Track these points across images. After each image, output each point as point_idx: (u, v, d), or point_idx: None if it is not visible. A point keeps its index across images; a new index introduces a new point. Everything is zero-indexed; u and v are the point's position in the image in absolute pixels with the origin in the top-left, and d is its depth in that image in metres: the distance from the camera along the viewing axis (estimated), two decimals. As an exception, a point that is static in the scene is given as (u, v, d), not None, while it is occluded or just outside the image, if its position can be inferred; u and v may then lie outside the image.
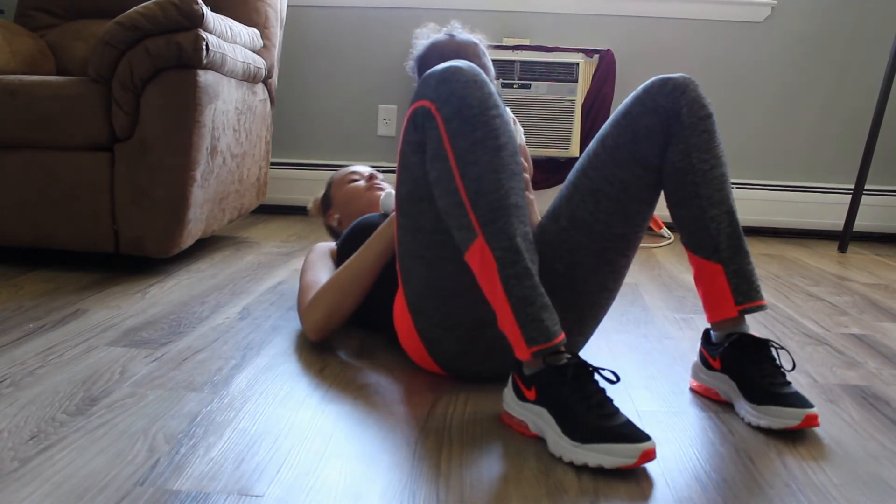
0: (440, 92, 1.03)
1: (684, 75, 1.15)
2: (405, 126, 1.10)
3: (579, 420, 0.96)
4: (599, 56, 2.88)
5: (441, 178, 1.03)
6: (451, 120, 1.01)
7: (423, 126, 1.05)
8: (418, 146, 1.07)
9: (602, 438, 0.93)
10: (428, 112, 1.03)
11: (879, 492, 0.93)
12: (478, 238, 1.01)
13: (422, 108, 1.05)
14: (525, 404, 1.04)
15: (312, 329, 1.37)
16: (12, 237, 1.93)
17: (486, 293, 1.04)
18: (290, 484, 0.89)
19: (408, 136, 1.09)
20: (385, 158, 3.10)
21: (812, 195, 3.02)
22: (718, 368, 1.16)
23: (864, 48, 2.94)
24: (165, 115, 1.83)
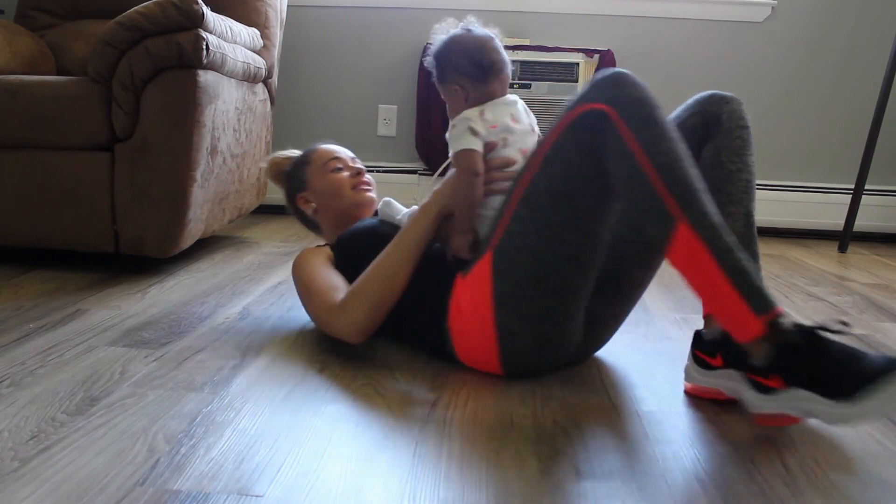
0: (615, 95, 1.06)
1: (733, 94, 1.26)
2: (566, 126, 1.11)
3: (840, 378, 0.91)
4: (599, 56, 2.88)
5: (631, 175, 1.04)
6: (631, 119, 1.04)
7: (596, 127, 1.07)
8: (587, 145, 1.09)
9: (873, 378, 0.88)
10: (604, 114, 1.06)
11: (879, 492, 0.93)
12: (680, 224, 1.01)
13: (595, 111, 1.07)
14: (773, 396, 1.00)
15: (355, 330, 1.29)
16: (12, 237, 1.93)
17: (695, 279, 1.02)
18: (290, 484, 0.89)
19: (574, 135, 1.10)
20: (385, 158, 3.10)
21: (812, 195, 3.01)
22: (720, 365, 1.12)
23: (864, 48, 2.94)
24: (165, 115, 1.83)
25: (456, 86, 1.32)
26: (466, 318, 1.23)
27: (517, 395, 1.20)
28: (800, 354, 0.96)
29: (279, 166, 1.68)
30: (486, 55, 1.30)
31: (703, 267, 1.00)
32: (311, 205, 1.58)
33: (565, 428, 1.08)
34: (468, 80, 1.31)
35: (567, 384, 1.26)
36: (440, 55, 1.34)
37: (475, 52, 1.30)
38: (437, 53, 1.35)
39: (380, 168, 3.07)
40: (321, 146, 1.62)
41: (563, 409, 1.15)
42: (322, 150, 1.61)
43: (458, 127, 1.28)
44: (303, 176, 1.59)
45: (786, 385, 0.98)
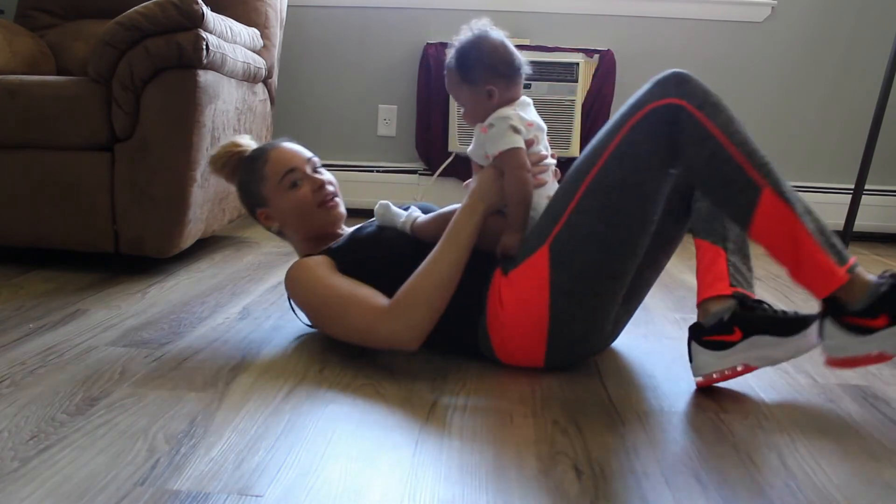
0: (684, 90, 1.16)
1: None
2: (636, 122, 1.19)
3: None
4: (599, 56, 2.88)
5: (714, 155, 1.14)
6: (704, 107, 1.15)
7: (672, 119, 1.16)
8: (662, 137, 1.17)
9: None
10: (678, 107, 1.16)
11: (879, 492, 0.93)
12: (764, 190, 1.12)
13: (669, 105, 1.16)
14: (874, 336, 1.08)
15: (416, 335, 1.25)
16: (12, 237, 1.93)
17: (780, 240, 1.12)
18: (290, 484, 0.89)
19: (647, 129, 1.18)
20: (385, 158, 3.10)
21: (812, 195, 3.01)
22: (740, 339, 1.20)
23: (864, 48, 2.94)
24: (165, 115, 1.83)
25: (490, 86, 1.31)
26: (512, 312, 1.26)
27: (517, 395, 1.20)
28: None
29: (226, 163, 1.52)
30: (515, 56, 1.33)
31: (788, 228, 1.11)
32: (274, 223, 1.48)
33: (565, 428, 1.08)
34: (502, 80, 1.31)
35: (567, 384, 1.26)
36: (472, 57, 1.31)
37: (506, 53, 1.32)
38: (468, 55, 1.32)
39: (380, 168, 3.07)
40: (272, 151, 1.46)
41: (563, 409, 1.15)
42: (274, 159, 1.44)
43: (499, 126, 1.29)
44: (259, 191, 1.46)
45: (891, 323, 1.07)
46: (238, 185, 1.52)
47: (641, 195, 1.21)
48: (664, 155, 1.18)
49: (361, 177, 3.06)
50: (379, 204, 1.43)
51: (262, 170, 1.45)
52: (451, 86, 1.36)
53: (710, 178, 1.16)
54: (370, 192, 3.04)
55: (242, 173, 1.50)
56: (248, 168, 1.48)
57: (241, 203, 1.54)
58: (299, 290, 1.36)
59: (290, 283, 1.38)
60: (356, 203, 3.05)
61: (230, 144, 1.52)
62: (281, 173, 1.43)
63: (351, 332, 1.30)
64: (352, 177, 3.05)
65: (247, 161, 1.49)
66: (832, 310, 1.13)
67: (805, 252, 1.11)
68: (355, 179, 3.06)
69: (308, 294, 1.35)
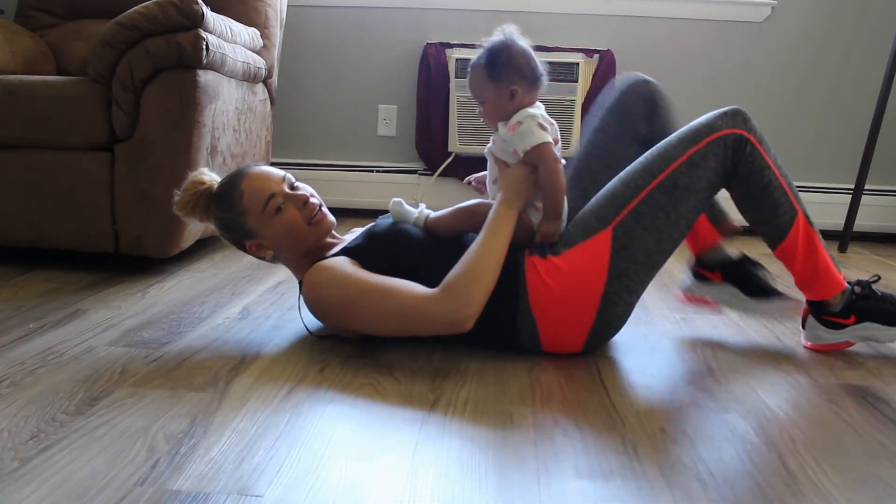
0: (749, 126, 1.41)
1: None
2: (710, 141, 1.38)
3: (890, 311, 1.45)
4: (599, 56, 2.88)
5: (770, 183, 1.41)
6: (762, 143, 1.41)
7: (738, 147, 1.39)
8: (729, 162, 1.39)
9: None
10: (746, 139, 1.40)
11: (879, 492, 0.93)
12: (799, 213, 1.42)
13: (739, 135, 1.40)
14: (844, 330, 1.46)
15: (472, 313, 1.28)
16: (12, 237, 1.93)
17: (805, 255, 1.43)
18: (290, 484, 0.89)
19: (718, 149, 1.39)
20: (385, 158, 3.10)
21: (812, 195, 3.01)
22: (720, 280, 1.59)
23: (864, 48, 2.94)
24: (165, 115, 1.83)
25: (514, 87, 1.38)
26: (564, 289, 1.35)
27: (517, 395, 1.20)
28: (873, 298, 1.46)
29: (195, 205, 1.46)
30: (539, 64, 1.42)
31: (813, 245, 1.43)
32: (267, 252, 1.46)
33: (565, 428, 1.08)
34: (525, 83, 1.39)
35: (567, 384, 1.26)
36: (502, 57, 1.39)
37: (532, 58, 1.41)
38: (499, 55, 1.39)
39: (380, 168, 3.07)
40: (244, 181, 1.41)
41: (563, 409, 1.15)
42: (250, 189, 1.40)
43: (527, 123, 1.37)
44: (243, 225, 1.42)
45: (858, 320, 1.45)
46: (217, 224, 1.45)
47: (697, 202, 1.39)
48: (724, 174, 1.40)
49: (361, 177, 3.06)
50: (393, 201, 1.47)
51: (239, 203, 1.41)
52: (477, 83, 1.42)
53: (762, 200, 1.42)
54: (370, 192, 3.04)
55: (218, 210, 1.43)
56: (223, 204, 1.42)
57: (225, 239, 1.48)
58: (326, 291, 1.33)
59: (314, 288, 1.35)
60: (356, 203, 3.05)
61: (192, 184, 1.45)
62: (262, 202, 1.40)
63: (396, 320, 1.30)
64: (352, 177, 3.05)
65: (218, 197, 1.43)
66: (815, 310, 1.49)
67: (822, 264, 1.43)
68: (355, 179, 3.06)
69: (340, 292, 1.32)
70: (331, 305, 1.34)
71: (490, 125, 1.45)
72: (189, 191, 1.45)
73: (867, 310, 1.45)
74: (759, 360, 1.43)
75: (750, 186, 1.41)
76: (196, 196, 1.45)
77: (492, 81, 1.39)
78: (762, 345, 1.53)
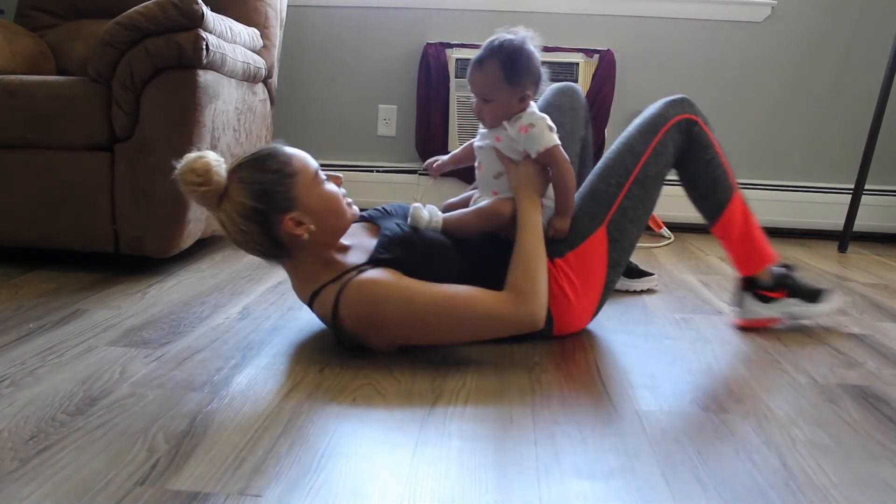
0: (695, 110, 1.56)
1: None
2: (666, 132, 1.53)
3: (812, 291, 1.62)
4: (599, 56, 2.88)
5: (713, 160, 1.56)
6: (707, 124, 1.57)
7: (689, 130, 1.54)
8: (681, 142, 1.54)
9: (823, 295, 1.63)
10: (693, 121, 1.55)
11: (879, 492, 0.93)
12: (735, 192, 1.58)
13: (687, 119, 1.54)
14: (774, 304, 1.61)
15: (545, 313, 1.33)
16: (12, 237, 1.93)
17: (740, 231, 1.58)
18: (290, 484, 0.89)
19: (674, 135, 1.53)
20: (385, 158, 3.10)
21: (812, 195, 3.01)
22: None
23: (864, 48, 2.93)
24: (165, 115, 1.83)
25: (528, 91, 1.43)
26: (580, 287, 1.47)
27: (517, 395, 1.20)
28: (795, 276, 1.62)
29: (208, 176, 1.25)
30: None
31: (748, 221, 1.58)
32: (306, 227, 1.30)
33: (565, 428, 1.08)
34: (534, 88, 1.44)
35: (567, 384, 1.26)
36: (523, 61, 1.41)
37: (540, 64, 1.45)
38: (520, 58, 1.40)
39: (380, 168, 3.07)
40: (287, 149, 1.33)
41: (563, 409, 1.16)
42: (297, 155, 1.33)
43: (539, 126, 1.41)
44: (289, 191, 1.28)
45: (788, 296, 1.61)
46: (250, 192, 1.27)
47: (661, 184, 1.54)
48: (679, 155, 1.55)
49: (361, 177, 3.06)
50: (415, 207, 1.44)
51: (289, 164, 1.29)
52: (490, 82, 1.41)
53: (705, 176, 1.57)
54: (370, 192, 3.04)
55: (261, 172, 1.27)
56: (270, 164, 1.28)
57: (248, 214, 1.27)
58: (387, 308, 1.27)
59: (371, 305, 1.26)
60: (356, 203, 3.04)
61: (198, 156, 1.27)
62: (314, 168, 1.33)
63: (471, 329, 1.30)
64: (352, 177, 3.05)
65: (264, 157, 1.29)
66: (748, 285, 1.62)
67: (757, 238, 1.59)
68: (355, 179, 3.05)
69: (406, 308, 1.27)
70: (392, 322, 1.28)
71: (491, 124, 1.45)
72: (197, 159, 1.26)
73: (795, 287, 1.61)
74: (760, 360, 1.43)
75: (696, 163, 1.56)
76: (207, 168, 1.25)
77: (508, 84, 1.40)
78: (762, 345, 1.53)
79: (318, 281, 1.35)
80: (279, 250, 1.33)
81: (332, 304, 1.30)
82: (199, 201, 1.28)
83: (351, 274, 1.31)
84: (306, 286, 1.37)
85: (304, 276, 1.38)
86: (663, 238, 2.86)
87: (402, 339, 1.33)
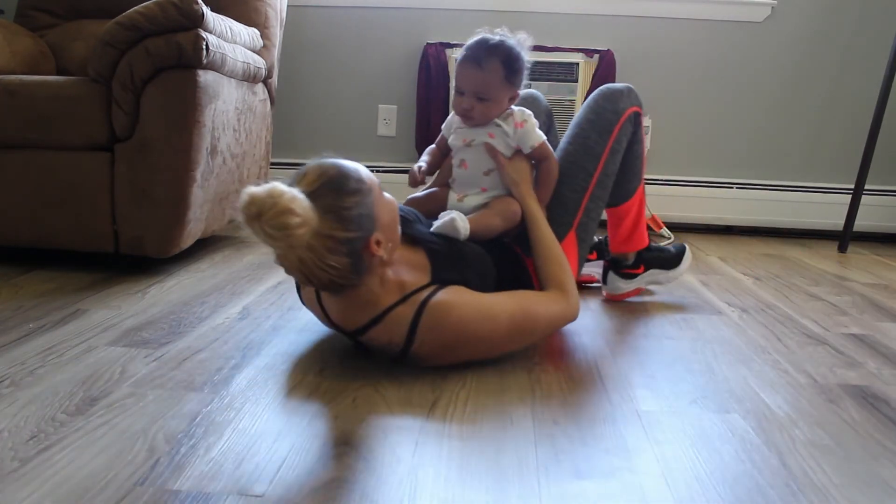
0: (639, 99, 1.62)
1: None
2: (620, 128, 1.58)
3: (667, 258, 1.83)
4: (599, 56, 2.88)
5: (640, 154, 1.66)
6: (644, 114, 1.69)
7: (636, 121, 1.61)
8: (631, 135, 1.60)
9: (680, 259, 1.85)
10: (639, 113, 1.62)
11: (879, 492, 0.93)
12: (640, 184, 1.70)
13: (636, 112, 1.61)
14: (636, 278, 1.81)
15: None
16: (12, 237, 1.93)
17: (635, 218, 1.71)
18: (290, 484, 0.89)
19: (626, 129, 1.59)
20: (385, 158, 3.10)
21: (812, 195, 3.01)
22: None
23: (864, 48, 2.94)
24: (165, 115, 1.83)
25: (518, 90, 1.47)
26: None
27: (517, 395, 1.20)
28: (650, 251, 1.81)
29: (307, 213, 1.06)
30: None
31: (639, 210, 1.72)
32: (384, 245, 1.17)
33: (565, 428, 1.08)
34: (521, 87, 1.48)
35: (567, 384, 1.26)
36: (521, 61, 1.45)
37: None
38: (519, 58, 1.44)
39: (380, 168, 3.07)
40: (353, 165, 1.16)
41: (563, 409, 1.16)
42: (363, 169, 1.17)
43: (530, 122, 1.48)
44: (371, 209, 1.14)
45: (646, 269, 1.80)
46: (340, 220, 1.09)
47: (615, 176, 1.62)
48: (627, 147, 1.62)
49: (361, 177, 3.06)
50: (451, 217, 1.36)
51: (363, 183, 1.14)
52: (491, 81, 1.42)
53: (632, 163, 1.65)
54: (370, 192, 3.03)
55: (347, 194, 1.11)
56: (347, 189, 1.11)
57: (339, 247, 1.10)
58: (473, 328, 1.22)
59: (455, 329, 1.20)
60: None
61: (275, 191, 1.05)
62: (377, 182, 1.19)
63: (546, 329, 1.35)
64: (352, 177, 3.05)
65: (344, 177, 1.11)
66: (614, 265, 1.81)
67: (641, 224, 1.74)
68: (355, 179, 3.05)
69: (489, 324, 1.24)
70: (479, 341, 1.24)
71: (479, 122, 1.46)
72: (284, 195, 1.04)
73: (652, 259, 1.80)
74: (759, 360, 1.43)
75: (630, 155, 1.63)
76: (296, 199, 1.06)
77: (507, 84, 1.43)
78: (762, 345, 1.53)
79: (380, 304, 1.22)
80: (359, 277, 1.17)
81: (406, 329, 1.20)
82: (290, 244, 1.07)
83: (421, 295, 1.21)
84: (364, 311, 1.23)
85: (361, 300, 1.22)
86: (663, 238, 2.86)
87: (481, 355, 1.29)
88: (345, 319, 1.26)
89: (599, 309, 1.76)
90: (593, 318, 1.68)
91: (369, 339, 1.26)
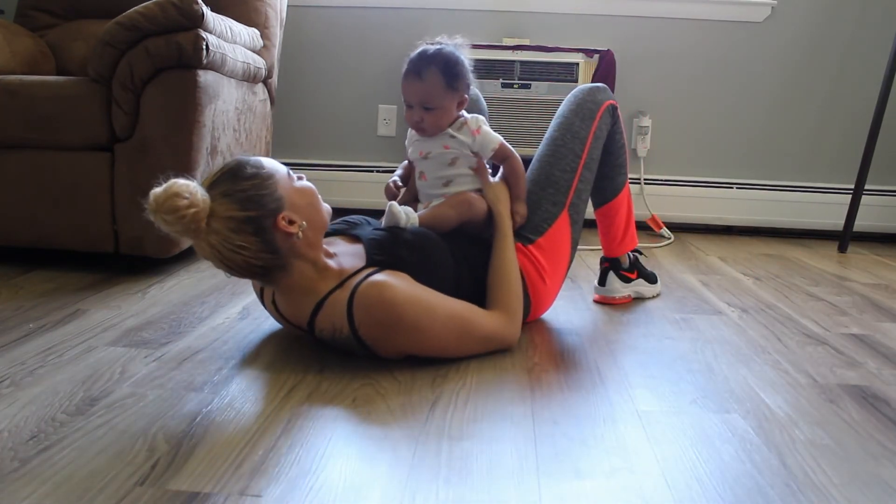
0: (612, 96, 1.69)
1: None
2: (601, 116, 1.64)
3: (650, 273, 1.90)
4: (599, 56, 2.88)
5: (623, 145, 1.71)
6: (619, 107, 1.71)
7: (613, 115, 1.68)
8: (610, 126, 1.67)
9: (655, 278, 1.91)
10: (615, 106, 1.68)
11: (879, 492, 0.93)
12: (626, 179, 1.74)
13: (613, 105, 1.67)
14: (630, 283, 1.83)
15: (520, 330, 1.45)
16: (12, 237, 1.93)
17: (624, 215, 1.75)
18: (290, 484, 0.89)
19: (606, 120, 1.66)
20: (385, 158, 3.10)
21: (812, 195, 3.01)
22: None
23: (864, 48, 2.94)
24: (165, 115, 1.83)
25: (464, 95, 1.48)
26: (552, 271, 1.56)
27: (517, 395, 1.20)
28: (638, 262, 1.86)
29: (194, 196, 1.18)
30: None
31: (629, 207, 1.76)
32: (299, 224, 1.25)
33: (565, 428, 1.08)
34: (467, 92, 1.50)
35: (567, 384, 1.26)
36: (461, 67, 1.46)
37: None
38: (458, 64, 1.46)
39: (380, 168, 3.07)
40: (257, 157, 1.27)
41: (562, 409, 1.16)
42: (266, 160, 1.28)
43: (485, 127, 1.51)
44: (274, 191, 1.23)
45: (638, 277, 1.85)
46: (237, 201, 1.20)
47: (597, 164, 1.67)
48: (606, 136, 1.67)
49: (361, 177, 3.06)
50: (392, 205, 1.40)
51: (262, 169, 1.24)
52: (432, 90, 1.44)
53: (615, 158, 1.70)
54: (370, 192, 3.03)
55: (242, 179, 1.21)
56: (248, 170, 1.23)
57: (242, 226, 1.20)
58: (405, 311, 1.23)
59: (391, 307, 1.22)
60: (356, 203, 3.05)
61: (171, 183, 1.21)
62: (284, 168, 1.29)
63: (477, 343, 1.36)
64: (352, 177, 3.05)
65: (239, 167, 1.23)
66: (613, 266, 1.81)
67: (631, 224, 1.77)
68: (355, 179, 3.06)
69: (426, 317, 1.26)
70: (411, 328, 1.25)
71: (431, 132, 1.48)
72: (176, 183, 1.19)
73: (641, 269, 1.87)
74: (759, 360, 1.43)
75: (612, 145, 1.68)
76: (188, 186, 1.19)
77: (450, 91, 1.44)
78: (762, 345, 1.53)
79: (319, 291, 1.28)
80: (277, 259, 1.24)
81: (344, 311, 1.24)
82: (187, 226, 1.17)
83: (357, 278, 1.26)
84: (305, 301, 1.29)
85: (301, 289, 1.29)
86: (663, 238, 2.86)
87: (414, 347, 1.29)
88: (294, 314, 1.34)
89: (599, 309, 1.76)
90: (593, 319, 1.68)
91: (320, 330, 1.30)
